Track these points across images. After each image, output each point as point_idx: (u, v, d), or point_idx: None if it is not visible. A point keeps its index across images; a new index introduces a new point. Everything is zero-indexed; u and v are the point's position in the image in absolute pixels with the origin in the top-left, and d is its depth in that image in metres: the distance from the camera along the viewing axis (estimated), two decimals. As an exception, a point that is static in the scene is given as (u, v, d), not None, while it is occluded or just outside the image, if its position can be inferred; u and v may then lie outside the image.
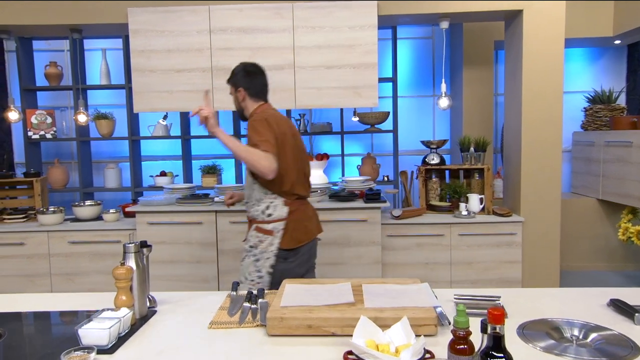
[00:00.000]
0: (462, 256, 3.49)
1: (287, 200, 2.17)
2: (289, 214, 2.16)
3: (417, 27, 4.93)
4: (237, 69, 2.30)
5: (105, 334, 1.19)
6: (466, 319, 0.97)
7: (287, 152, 2.12)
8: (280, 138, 2.09)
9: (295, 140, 2.23)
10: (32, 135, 4.55)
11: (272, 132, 2.05)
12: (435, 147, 3.79)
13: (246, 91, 2.26)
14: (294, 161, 2.16)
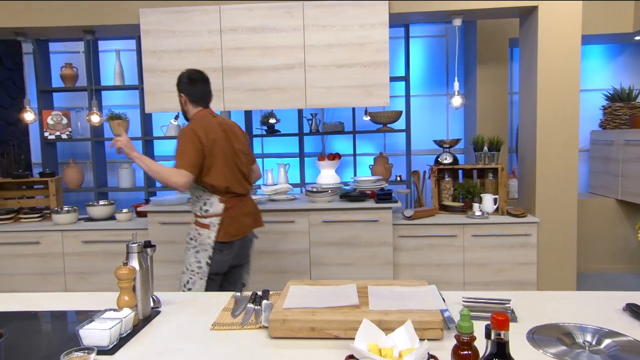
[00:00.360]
0: (475, 257, 3.43)
1: (222, 198, 2.35)
2: (224, 211, 2.35)
3: (431, 25, 4.87)
4: (182, 75, 2.47)
5: (105, 335, 1.19)
6: (470, 323, 0.93)
7: (216, 157, 2.31)
8: (209, 145, 2.29)
9: (231, 144, 2.41)
10: (48, 136, 4.62)
11: (194, 143, 2.26)
12: (448, 147, 3.74)
13: (187, 97, 2.45)
14: (225, 164, 2.34)
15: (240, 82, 3.42)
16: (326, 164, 4.25)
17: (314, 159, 4.37)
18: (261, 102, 3.43)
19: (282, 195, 3.66)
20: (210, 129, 2.34)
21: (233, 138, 2.43)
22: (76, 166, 4.80)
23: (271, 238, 3.41)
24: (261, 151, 5.00)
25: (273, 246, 3.41)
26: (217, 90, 3.44)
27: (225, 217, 2.34)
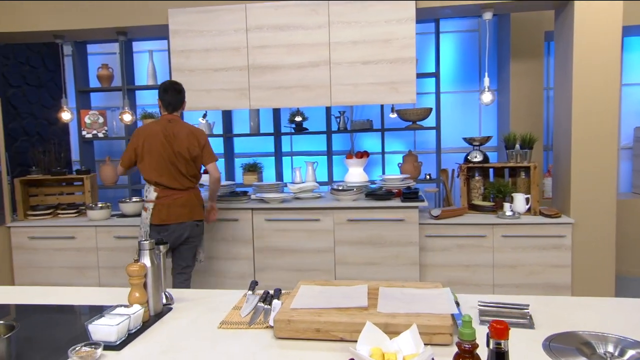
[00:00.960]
0: (506, 259, 3.32)
1: (157, 188, 2.87)
2: (157, 199, 2.87)
3: (463, 19, 4.74)
4: (161, 83, 2.97)
5: (113, 331, 1.21)
6: (472, 330, 0.89)
7: (145, 156, 2.86)
8: (139, 146, 2.87)
9: (170, 146, 2.84)
10: (86, 135, 4.78)
11: (131, 143, 2.92)
12: (479, 144, 3.63)
13: (159, 102, 2.96)
14: (157, 162, 2.84)
15: (266, 81, 3.43)
16: (354, 162, 4.21)
17: (342, 157, 4.34)
18: (286, 100, 3.43)
19: (308, 194, 3.65)
20: (145, 133, 2.87)
21: (174, 142, 2.85)
22: (112, 164, 4.94)
23: (296, 236, 3.41)
24: (290, 149, 5.01)
25: (298, 244, 3.41)
26: (242, 88, 3.47)
27: (157, 204, 2.86)
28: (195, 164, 2.96)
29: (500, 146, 4.56)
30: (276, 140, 4.55)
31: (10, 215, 3.93)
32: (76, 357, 1.12)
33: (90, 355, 1.14)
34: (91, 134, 4.79)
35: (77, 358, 1.12)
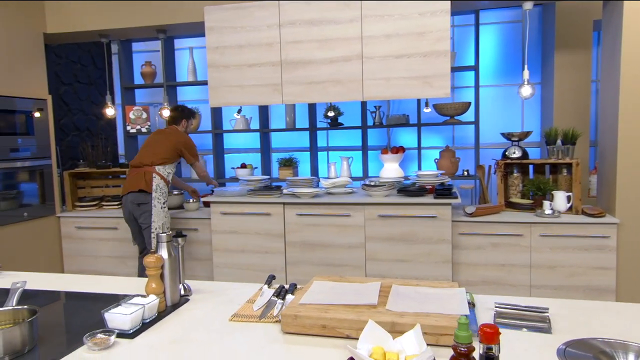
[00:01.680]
0: (544, 259, 3.19)
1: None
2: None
3: (505, 10, 4.57)
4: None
5: (127, 319, 1.25)
6: (468, 333, 0.86)
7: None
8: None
9: (152, 141, 3.59)
10: (130, 130, 4.96)
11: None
12: (517, 140, 3.50)
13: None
14: (141, 149, 3.61)
15: (298, 76, 3.44)
16: (389, 157, 4.16)
17: (378, 152, 4.30)
18: (318, 95, 3.43)
19: (340, 189, 3.64)
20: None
21: (154, 139, 3.59)
22: (154, 158, 5.11)
23: (327, 231, 3.41)
24: (326, 144, 5.01)
25: (329, 239, 3.41)
26: (275, 84, 3.50)
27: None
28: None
29: (543, 142, 4.37)
30: (311, 135, 4.57)
31: (60, 206, 4.16)
32: (90, 342, 1.18)
33: (103, 342, 1.19)
34: (135, 129, 4.97)
35: (91, 344, 1.17)
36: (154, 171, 3.44)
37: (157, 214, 3.39)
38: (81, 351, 1.17)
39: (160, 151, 3.47)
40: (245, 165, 4.66)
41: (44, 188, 4.00)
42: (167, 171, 3.50)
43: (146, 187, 3.40)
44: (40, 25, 4.02)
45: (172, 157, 3.51)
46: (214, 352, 1.17)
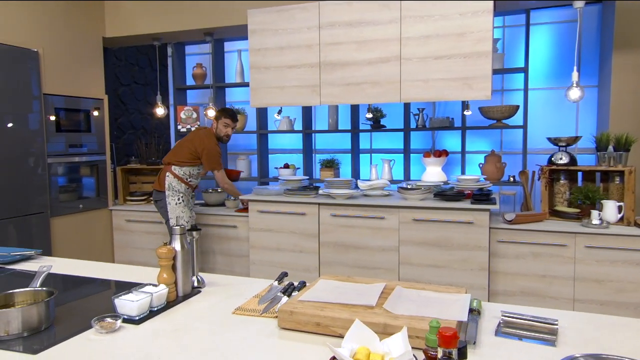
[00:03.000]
0: (590, 272, 3.01)
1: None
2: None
3: (561, 9, 4.35)
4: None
5: (134, 306, 1.32)
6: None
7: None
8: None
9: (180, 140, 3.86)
10: (180, 129, 5.18)
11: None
12: (565, 145, 3.33)
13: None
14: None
15: (336, 77, 3.46)
16: (432, 160, 4.09)
17: (421, 156, 4.23)
18: (356, 97, 3.43)
19: (377, 191, 3.62)
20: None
21: (184, 139, 3.74)
22: (202, 156, 5.30)
23: (361, 233, 3.40)
24: (369, 146, 4.98)
25: (362, 241, 3.40)
26: (314, 85, 3.53)
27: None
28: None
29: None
30: (353, 137, 4.56)
31: (112, 199, 4.41)
32: (98, 326, 1.25)
33: (110, 325, 1.26)
34: (185, 128, 5.18)
35: (98, 327, 1.25)
36: (169, 170, 3.57)
37: (172, 210, 3.55)
38: (89, 333, 1.25)
39: (181, 153, 3.60)
40: (288, 166, 4.73)
41: (99, 182, 4.26)
42: (183, 172, 3.58)
43: (159, 186, 3.59)
44: (100, 29, 4.29)
45: (190, 160, 3.58)
46: (209, 342, 1.21)
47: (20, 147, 3.49)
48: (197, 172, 3.67)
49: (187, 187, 3.63)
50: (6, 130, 3.38)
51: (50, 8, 3.78)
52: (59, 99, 3.85)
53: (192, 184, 3.66)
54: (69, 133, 3.95)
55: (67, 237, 3.92)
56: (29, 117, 3.56)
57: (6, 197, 3.38)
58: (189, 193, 3.65)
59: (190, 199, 3.69)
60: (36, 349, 1.16)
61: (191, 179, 3.63)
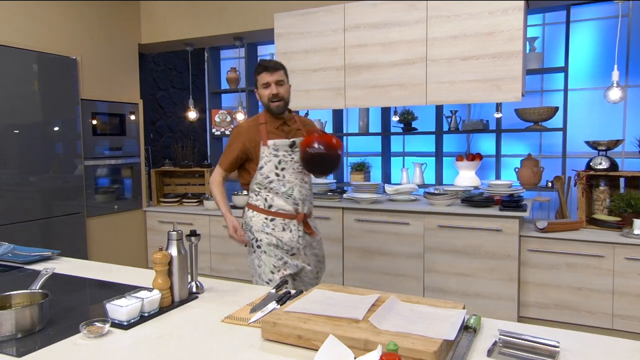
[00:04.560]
0: (631, 286, 2.80)
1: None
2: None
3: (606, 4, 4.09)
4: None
5: (124, 311, 1.33)
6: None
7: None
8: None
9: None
10: (215, 132, 5.27)
11: None
12: (605, 149, 3.12)
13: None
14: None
15: (361, 79, 3.40)
16: (465, 164, 3.96)
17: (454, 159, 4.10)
18: (381, 99, 3.36)
19: (404, 196, 3.53)
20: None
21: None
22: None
23: (385, 239, 3.32)
24: (402, 149, 4.88)
25: (387, 247, 3.32)
26: (338, 88, 3.49)
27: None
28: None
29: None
30: (384, 140, 4.48)
31: (147, 200, 4.54)
32: (85, 330, 1.27)
33: (97, 330, 1.27)
34: (219, 132, 5.27)
35: (86, 331, 1.26)
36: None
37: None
38: (76, 337, 1.27)
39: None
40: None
41: (134, 184, 4.40)
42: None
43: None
44: (136, 36, 4.43)
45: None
46: (189, 351, 1.19)
47: (58, 150, 3.66)
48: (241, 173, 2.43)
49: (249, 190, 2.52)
50: (45, 133, 3.55)
51: (88, 17, 3.94)
52: (96, 104, 4.00)
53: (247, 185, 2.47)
54: (106, 136, 4.10)
55: (103, 236, 4.07)
56: (67, 121, 3.73)
57: (45, 198, 3.55)
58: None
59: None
60: (22, 351, 1.18)
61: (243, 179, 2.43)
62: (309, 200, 2.36)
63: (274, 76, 2.23)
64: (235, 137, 2.30)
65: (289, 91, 2.30)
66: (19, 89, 3.36)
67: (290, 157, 2.25)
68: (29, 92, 3.43)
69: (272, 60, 2.33)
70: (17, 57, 3.34)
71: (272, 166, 2.23)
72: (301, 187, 2.28)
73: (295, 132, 2.31)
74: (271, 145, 2.23)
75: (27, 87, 3.42)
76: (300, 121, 2.39)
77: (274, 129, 2.27)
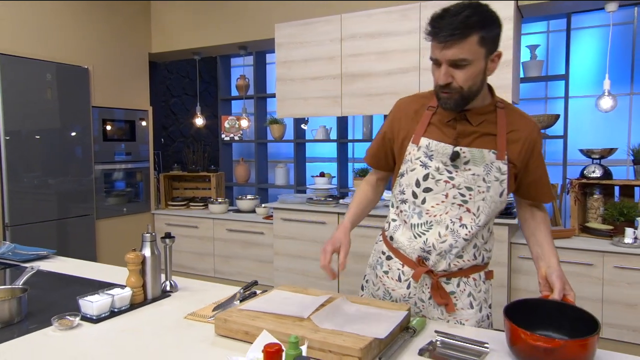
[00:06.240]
0: (619, 295, 2.79)
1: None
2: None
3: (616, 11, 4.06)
4: (493, 15, 1.34)
5: (94, 306, 1.44)
6: (297, 352, 0.86)
7: None
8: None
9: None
10: (224, 138, 5.43)
11: None
12: (599, 157, 3.11)
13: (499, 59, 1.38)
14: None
15: (357, 88, 3.48)
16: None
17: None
18: (376, 107, 3.43)
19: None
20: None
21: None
22: (245, 164, 5.52)
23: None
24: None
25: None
26: (335, 96, 3.58)
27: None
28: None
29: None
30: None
31: (155, 204, 4.71)
32: (57, 323, 1.38)
33: (67, 323, 1.39)
34: (229, 137, 5.42)
35: (57, 324, 1.38)
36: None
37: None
38: (48, 329, 1.38)
39: None
40: (324, 174, 4.79)
41: (143, 188, 4.58)
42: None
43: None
44: (147, 45, 4.62)
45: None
46: (145, 344, 1.29)
47: (72, 155, 3.85)
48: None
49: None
50: (58, 139, 3.75)
51: (100, 29, 4.14)
52: (107, 111, 4.19)
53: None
54: (116, 142, 4.28)
55: (111, 238, 4.25)
56: (79, 127, 3.92)
57: (56, 200, 3.74)
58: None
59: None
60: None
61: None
62: (459, 255, 1.43)
63: (450, 51, 1.27)
64: (388, 118, 1.58)
65: (480, 74, 1.33)
66: (34, 98, 3.57)
67: (447, 176, 1.39)
68: (43, 100, 3.64)
69: (454, 16, 1.25)
70: (31, 67, 3.55)
71: (414, 178, 1.43)
72: (451, 229, 1.40)
73: (475, 138, 1.38)
74: (423, 145, 1.42)
75: (41, 96, 3.62)
76: (508, 121, 1.40)
77: (443, 122, 1.41)
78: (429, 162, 1.40)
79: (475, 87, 1.33)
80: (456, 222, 1.40)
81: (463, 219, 1.39)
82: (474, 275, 1.48)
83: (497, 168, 1.38)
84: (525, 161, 1.42)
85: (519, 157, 1.40)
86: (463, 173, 1.38)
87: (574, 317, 1.21)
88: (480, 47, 1.28)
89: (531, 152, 1.42)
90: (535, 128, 1.44)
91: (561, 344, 1.03)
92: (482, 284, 1.51)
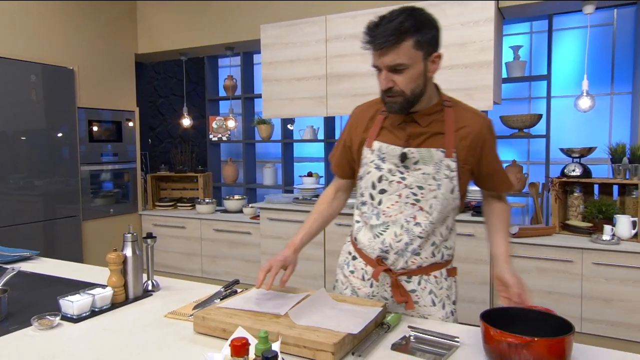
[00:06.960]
0: (598, 290, 2.85)
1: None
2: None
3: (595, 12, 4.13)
4: (428, 18, 1.36)
5: (74, 306, 1.46)
6: (266, 346, 0.89)
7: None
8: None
9: None
10: (212, 138, 5.43)
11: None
12: (579, 156, 3.17)
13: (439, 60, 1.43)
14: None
15: (343, 88, 3.51)
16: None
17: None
18: (360, 108, 3.46)
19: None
20: None
21: None
22: (232, 164, 5.52)
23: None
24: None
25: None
26: (320, 96, 3.61)
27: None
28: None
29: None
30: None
31: (142, 204, 4.71)
32: (37, 323, 1.40)
33: (47, 323, 1.41)
34: (217, 137, 5.43)
35: (37, 324, 1.40)
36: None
37: None
38: (28, 329, 1.40)
39: None
40: (312, 174, 4.82)
41: (130, 188, 4.58)
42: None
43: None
44: (133, 46, 4.62)
45: None
46: (125, 342, 1.31)
47: (56, 156, 3.84)
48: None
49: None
50: (44, 140, 3.74)
51: (86, 30, 4.14)
52: (93, 112, 4.19)
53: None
54: (102, 143, 4.28)
55: (98, 239, 4.24)
56: (64, 128, 3.91)
57: (42, 202, 3.73)
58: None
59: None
60: (-25, 339, 1.32)
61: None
62: (416, 253, 1.46)
63: (387, 57, 1.34)
64: (346, 126, 1.63)
65: (420, 76, 1.37)
66: (19, 99, 3.56)
67: (399, 176, 1.44)
68: (28, 101, 3.63)
69: (388, 23, 1.32)
70: (16, 68, 3.54)
71: (370, 181, 1.48)
72: (405, 228, 1.44)
73: (426, 138, 1.43)
74: (376, 149, 1.47)
75: (26, 97, 3.61)
76: (457, 119, 1.45)
77: (395, 125, 1.46)
78: (382, 165, 1.46)
79: (418, 90, 1.38)
80: (410, 220, 1.44)
81: (417, 218, 1.44)
82: (434, 272, 1.51)
83: (446, 166, 1.42)
84: (477, 156, 1.46)
85: (469, 153, 1.44)
86: (414, 173, 1.42)
87: (556, 325, 1.20)
88: (416, 50, 1.33)
89: (482, 146, 1.46)
90: (485, 123, 1.48)
91: (529, 340, 1.06)
92: (444, 281, 1.53)
